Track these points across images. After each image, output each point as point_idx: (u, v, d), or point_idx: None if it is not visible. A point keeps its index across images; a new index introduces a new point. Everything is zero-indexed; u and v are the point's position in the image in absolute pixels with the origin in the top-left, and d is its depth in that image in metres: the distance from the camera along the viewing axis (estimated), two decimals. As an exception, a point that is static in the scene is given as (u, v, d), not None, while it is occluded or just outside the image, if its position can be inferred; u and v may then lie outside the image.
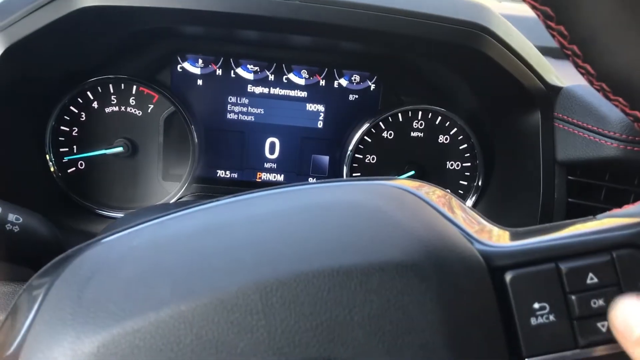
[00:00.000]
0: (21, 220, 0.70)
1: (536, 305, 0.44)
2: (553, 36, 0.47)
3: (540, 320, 0.44)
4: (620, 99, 0.46)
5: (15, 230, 0.69)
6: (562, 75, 1.07)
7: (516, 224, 1.09)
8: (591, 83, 0.47)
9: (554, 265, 0.45)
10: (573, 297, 0.44)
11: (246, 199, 0.49)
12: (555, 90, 1.02)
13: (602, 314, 0.44)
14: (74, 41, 1.02)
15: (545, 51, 1.10)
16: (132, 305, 0.39)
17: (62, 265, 0.45)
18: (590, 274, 0.45)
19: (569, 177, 1.03)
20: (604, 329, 0.44)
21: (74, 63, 1.11)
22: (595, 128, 0.94)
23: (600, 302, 0.44)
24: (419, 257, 0.42)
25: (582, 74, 0.47)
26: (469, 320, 0.42)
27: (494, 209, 1.24)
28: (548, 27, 0.46)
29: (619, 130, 0.90)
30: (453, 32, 0.96)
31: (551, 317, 0.44)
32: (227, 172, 1.31)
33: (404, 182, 0.54)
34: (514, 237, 0.49)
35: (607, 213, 0.51)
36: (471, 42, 0.97)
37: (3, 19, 0.91)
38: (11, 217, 0.69)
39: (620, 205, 0.53)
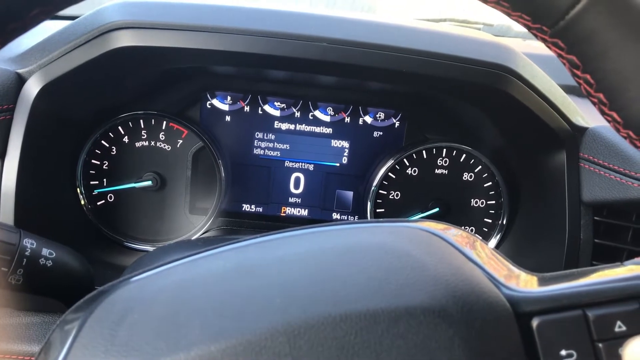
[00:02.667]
0: (54, 255, 0.72)
1: (563, 353, 0.44)
2: (579, 84, 0.47)
3: (567, 367, 0.44)
4: (648, 147, 0.46)
5: (49, 265, 0.70)
6: (587, 114, 1.07)
7: (541, 263, 1.09)
8: (618, 130, 0.48)
9: (581, 312, 0.45)
10: (600, 345, 0.44)
11: (275, 240, 0.50)
12: (581, 130, 1.02)
13: None
14: (107, 79, 1.06)
15: (570, 90, 1.11)
16: (164, 344, 0.40)
17: (94, 302, 0.46)
18: (619, 322, 0.44)
19: (595, 218, 1.02)
20: (632, 378, 0.43)
21: (106, 99, 1.15)
22: (621, 169, 0.93)
23: None
24: (447, 302, 0.43)
25: (608, 121, 0.48)
26: (495, 367, 0.42)
27: (518, 248, 1.23)
28: (574, 75, 0.47)
29: (645, 172, 0.90)
30: (479, 73, 0.97)
31: (578, 365, 0.44)
32: (253, 206, 1.32)
33: (430, 224, 0.54)
34: (541, 282, 0.49)
35: (635, 260, 0.51)
36: (497, 84, 0.98)
37: (41, 58, 0.95)
38: (45, 251, 0.71)
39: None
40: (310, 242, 0.50)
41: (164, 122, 1.22)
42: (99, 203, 1.23)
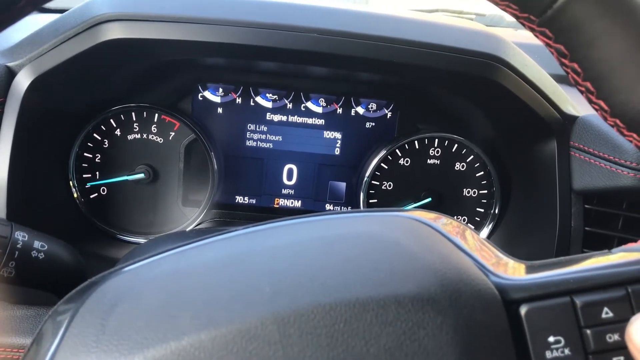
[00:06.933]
0: (46, 247, 0.72)
1: (551, 339, 0.44)
2: (567, 72, 0.48)
3: (555, 354, 0.44)
4: (635, 135, 0.47)
5: (41, 258, 0.70)
6: (577, 102, 1.07)
7: (533, 252, 1.10)
8: (605, 119, 0.48)
9: (569, 299, 0.45)
10: (588, 332, 0.44)
11: (265, 229, 0.50)
12: (571, 119, 1.03)
13: (618, 349, 0.44)
14: (98, 72, 1.05)
15: (561, 79, 1.11)
16: (154, 334, 0.41)
17: (86, 292, 0.46)
18: (606, 309, 0.45)
19: (586, 206, 1.03)
20: (619, 363, 0.44)
21: (97, 92, 1.14)
22: (611, 157, 0.94)
23: (616, 337, 0.44)
24: (435, 290, 0.43)
25: (595, 109, 0.48)
26: (484, 354, 0.43)
27: (510, 237, 1.24)
28: (562, 64, 0.47)
29: (635, 159, 0.90)
30: (469, 63, 0.97)
31: (566, 351, 0.44)
32: (246, 198, 1.32)
33: (420, 213, 0.55)
34: (529, 270, 0.49)
35: (622, 247, 0.51)
36: (487, 73, 0.98)
37: (30, 52, 0.95)
38: (37, 244, 0.71)
39: (638, 234, 0.53)
40: (300, 231, 0.50)
41: (156, 115, 1.21)
42: (91, 196, 1.23)
